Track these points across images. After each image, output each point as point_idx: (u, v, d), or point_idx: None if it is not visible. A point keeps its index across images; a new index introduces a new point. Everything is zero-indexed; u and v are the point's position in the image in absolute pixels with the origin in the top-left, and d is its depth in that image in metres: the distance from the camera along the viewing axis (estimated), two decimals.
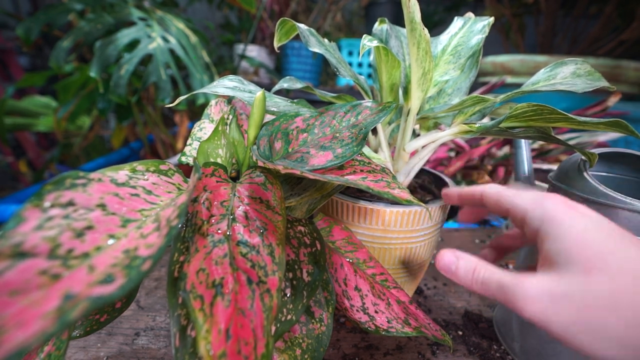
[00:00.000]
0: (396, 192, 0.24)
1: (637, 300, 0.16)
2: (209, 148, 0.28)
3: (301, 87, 0.38)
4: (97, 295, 0.12)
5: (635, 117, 0.91)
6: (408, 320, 0.28)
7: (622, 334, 0.16)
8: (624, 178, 0.38)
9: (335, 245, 0.32)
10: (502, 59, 1.14)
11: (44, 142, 1.65)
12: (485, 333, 0.39)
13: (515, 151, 0.41)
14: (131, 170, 0.21)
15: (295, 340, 0.24)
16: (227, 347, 0.15)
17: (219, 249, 0.19)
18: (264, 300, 0.17)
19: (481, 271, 0.22)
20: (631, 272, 0.17)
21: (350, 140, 0.28)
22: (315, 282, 0.23)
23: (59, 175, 0.17)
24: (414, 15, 0.28)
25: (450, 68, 0.36)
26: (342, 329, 0.39)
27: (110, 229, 0.16)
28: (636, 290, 0.17)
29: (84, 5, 0.84)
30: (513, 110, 0.29)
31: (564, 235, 0.19)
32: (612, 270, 0.17)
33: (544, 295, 0.18)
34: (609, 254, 0.18)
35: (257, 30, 1.47)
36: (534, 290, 0.19)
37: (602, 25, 1.24)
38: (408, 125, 0.36)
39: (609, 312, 0.17)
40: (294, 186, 0.30)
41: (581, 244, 0.19)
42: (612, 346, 0.17)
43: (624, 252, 0.18)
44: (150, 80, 0.81)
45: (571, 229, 0.19)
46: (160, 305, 0.42)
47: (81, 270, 0.13)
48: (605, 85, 0.30)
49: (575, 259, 0.18)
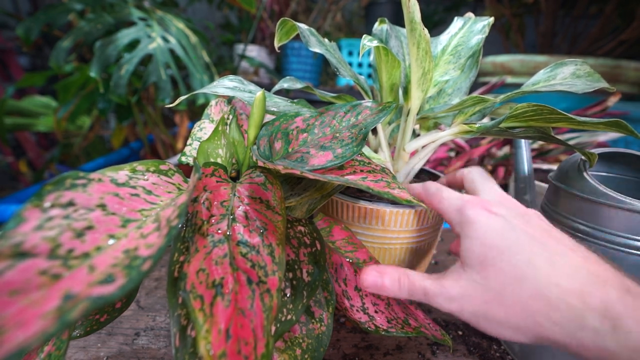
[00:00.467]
0: (396, 192, 0.24)
1: (514, 292, 0.19)
2: (209, 148, 0.28)
3: (301, 87, 0.38)
4: (97, 295, 0.12)
5: (635, 117, 0.91)
6: (408, 320, 0.28)
7: (504, 319, 0.20)
8: (624, 178, 0.38)
9: (335, 245, 0.32)
10: (502, 59, 1.14)
11: (44, 142, 1.65)
12: (485, 333, 0.39)
13: (515, 151, 0.41)
14: (131, 171, 0.21)
15: (295, 340, 0.24)
16: (227, 347, 0.15)
17: (219, 249, 0.19)
18: (264, 300, 0.17)
19: (405, 281, 0.24)
20: (515, 268, 0.20)
21: (350, 140, 0.28)
22: (315, 282, 0.23)
23: (59, 175, 0.17)
24: (414, 15, 0.28)
25: (450, 68, 0.36)
26: (342, 329, 0.39)
27: (110, 229, 0.16)
28: (514, 284, 0.20)
29: (84, 5, 0.84)
30: (513, 110, 0.29)
31: (472, 236, 0.22)
32: (501, 266, 0.20)
33: (458, 294, 0.21)
34: (502, 252, 0.20)
35: (257, 30, 1.47)
36: (454, 291, 0.22)
37: (602, 25, 1.24)
38: (408, 125, 0.36)
39: (496, 303, 0.20)
40: (294, 186, 0.30)
41: (482, 243, 0.21)
42: (503, 330, 0.20)
43: (519, 249, 0.20)
44: (150, 80, 0.81)
45: (478, 230, 0.21)
46: (160, 305, 0.42)
47: (81, 270, 0.13)
48: (604, 86, 0.30)
49: (476, 258, 0.21)
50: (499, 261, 0.20)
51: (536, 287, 0.19)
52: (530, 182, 0.40)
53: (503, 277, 0.20)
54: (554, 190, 0.34)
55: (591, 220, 0.30)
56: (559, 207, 0.33)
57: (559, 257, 0.20)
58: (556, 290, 0.18)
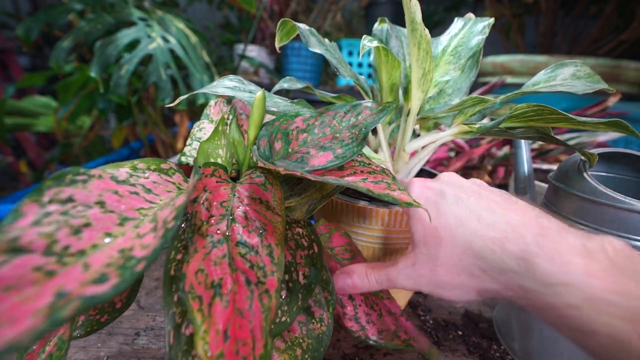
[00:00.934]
0: (396, 194, 0.24)
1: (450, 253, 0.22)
2: (209, 148, 0.28)
3: (301, 87, 0.38)
4: (90, 294, 0.12)
5: (635, 117, 0.91)
6: (398, 333, 0.28)
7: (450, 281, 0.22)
8: (624, 178, 0.38)
9: (334, 252, 0.32)
10: (502, 59, 1.14)
11: (44, 142, 1.65)
12: (485, 333, 0.39)
13: (515, 151, 0.41)
14: (132, 168, 0.21)
15: (295, 340, 0.24)
16: (225, 348, 0.15)
17: (218, 250, 0.19)
18: (263, 301, 0.17)
19: (371, 274, 0.25)
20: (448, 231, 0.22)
21: (351, 140, 0.27)
22: (311, 285, 0.23)
23: (60, 171, 0.17)
24: (415, 15, 0.28)
25: (451, 68, 0.36)
26: (342, 329, 0.39)
27: (107, 227, 0.16)
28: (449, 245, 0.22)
29: (84, 5, 0.84)
30: (513, 110, 0.29)
31: (412, 214, 0.24)
32: (438, 233, 0.22)
33: (412, 272, 0.23)
34: (436, 220, 0.22)
35: (257, 30, 1.47)
36: (407, 270, 0.24)
37: (602, 25, 1.24)
38: (408, 126, 0.36)
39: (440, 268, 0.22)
40: (293, 186, 0.30)
41: (420, 216, 0.23)
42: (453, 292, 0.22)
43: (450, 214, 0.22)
44: (150, 80, 0.80)
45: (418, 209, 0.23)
46: (160, 305, 0.42)
47: (76, 268, 0.13)
48: (604, 87, 0.30)
49: (418, 232, 0.23)
50: (435, 229, 0.22)
51: (465, 242, 0.21)
52: (530, 182, 0.40)
53: (440, 242, 0.22)
54: (554, 190, 0.34)
55: (591, 220, 0.30)
56: (559, 207, 0.33)
57: (485, 212, 0.21)
58: (480, 241, 0.20)
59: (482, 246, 0.20)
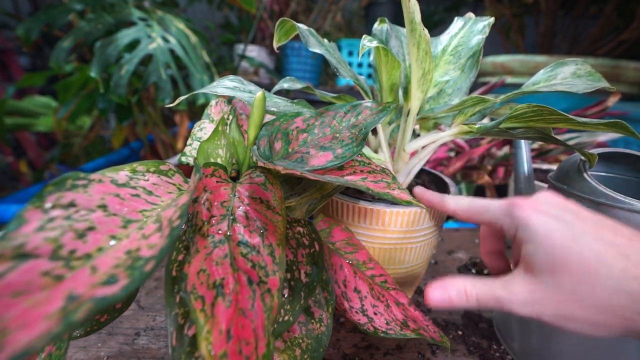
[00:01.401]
0: (396, 193, 0.25)
1: (590, 291, 0.20)
2: (209, 148, 0.28)
3: (301, 87, 0.38)
4: (100, 296, 0.12)
5: (635, 117, 0.91)
6: (407, 322, 0.28)
7: (585, 318, 0.21)
8: (624, 178, 0.38)
9: (335, 246, 0.32)
10: (502, 59, 1.14)
11: (44, 142, 1.65)
12: (485, 333, 0.39)
13: (515, 151, 0.41)
14: (131, 171, 0.21)
15: (295, 341, 0.24)
16: (228, 348, 0.15)
17: (219, 250, 0.19)
18: (265, 300, 0.17)
19: (473, 291, 0.24)
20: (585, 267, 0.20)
21: (350, 140, 0.28)
22: (313, 283, 0.23)
23: (60, 176, 0.17)
24: (414, 15, 0.28)
25: (451, 68, 0.36)
26: (342, 329, 0.39)
27: (111, 229, 0.16)
28: (589, 282, 0.20)
29: (84, 5, 0.84)
30: (513, 110, 0.29)
31: (533, 239, 0.22)
32: (571, 267, 0.20)
33: (530, 298, 0.22)
34: (567, 252, 0.21)
35: (257, 30, 1.47)
36: (523, 295, 0.22)
37: (602, 25, 1.24)
38: (408, 126, 0.36)
39: (573, 303, 0.20)
40: (294, 186, 0.30)
41: (546, 245, 0.21)
42: (586, 327, 0.21)
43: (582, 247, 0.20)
44: (150, 80, 0.81)
45: (538, 232, 0.22)
46: (160, 305, 0.42)
47: (84, 271, 0.13)
48: (605, 86, 0.30)
49: (543, 261, 0.21)
50: (569, 262, 0.20)
51: (613, 283, 0.19)
52: (530, 182, 0.40)
53: (575, 277, 0.20)
54: (553, 190, 0.34)
55: None
56: None
57: (629, 250, 0.20)
58: (636, 283, 0.19)
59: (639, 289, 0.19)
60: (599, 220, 0.22)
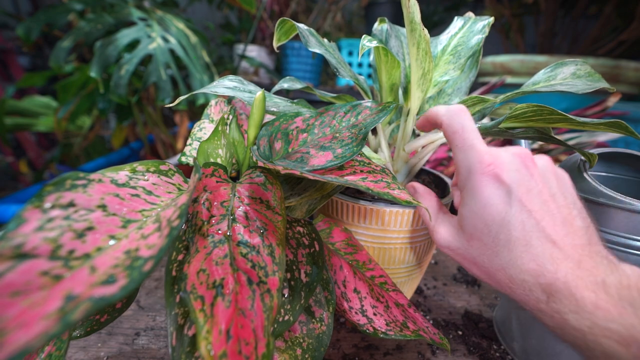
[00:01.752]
0: (396, 193, 0.24)
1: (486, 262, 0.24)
2: (209, 148, 0.28)
3: (301, 87, 0.38)
4: (99, 296, 0.12)
5: (635, 118, 0.91)
6: (406, 324, 0.28)
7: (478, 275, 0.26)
8: (624, 178, 0.38)
9: (335, 247, 0.32)
10: (502, 59, 1.14)
11: (44, 142, 1.65)
12: (485, 333, 0.39)
13: None
14: (131, 171, 0.21)
15: (295, 340, 0.24)
16: (228, 348, 0.15)
17: (219, 250, 0.19)
18: (265, 300, 0.17)
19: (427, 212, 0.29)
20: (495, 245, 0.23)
21: (350, 140, 0.28)
22: (313, 282, 0.23)
23: (60, 176, 0.17)
24: (413, 15, 0.28)
25: (450, 68, 0.36)
26: (342, 329, 0.39)
27: (111, 229, 0.16)
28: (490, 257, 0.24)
29: (84, 5, 0.84)
30: (513, 110, 0.29)
31: (470, 207, 0.25)
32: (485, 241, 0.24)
33: (446, 244, 0.27)
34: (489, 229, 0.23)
35: (257, 30, 1.47)
36: (444, 239, 0.27)
37: (601, 25, 1.24)
38: (408, 126, 0.36)
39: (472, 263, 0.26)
40: (294, 186, 0.30)
41: (476, 216, 0.24)
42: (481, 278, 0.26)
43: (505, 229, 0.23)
44: (150, 80, 0.81)
45: (477, 203, 0.24)
46: (160, 305, 0.42)
47: (83, 271, 0.13)
48: (605, 86, 0.30)
49: (468, 227, 0.25)
50: (485, 236, 0.24)
51: (504, 264, 0.23)
52: None
53: (483, 249, 0.24)
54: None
55: None
56: None
57: (536, 241, 0.22)
58: (517, 271, 0.23)
59: (518, 276, 0.22)
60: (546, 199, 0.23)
